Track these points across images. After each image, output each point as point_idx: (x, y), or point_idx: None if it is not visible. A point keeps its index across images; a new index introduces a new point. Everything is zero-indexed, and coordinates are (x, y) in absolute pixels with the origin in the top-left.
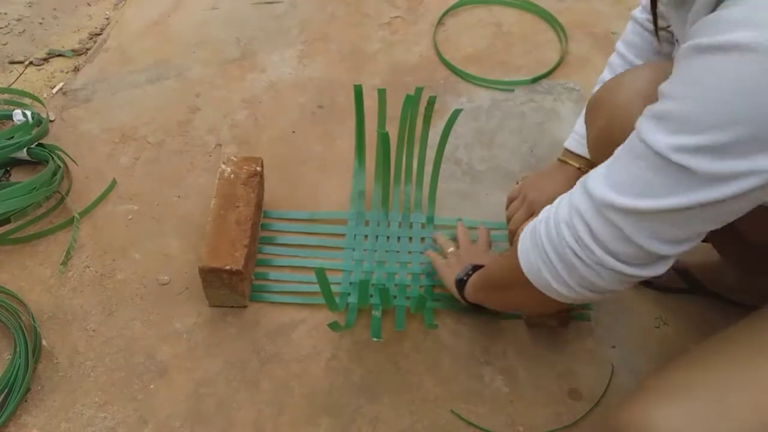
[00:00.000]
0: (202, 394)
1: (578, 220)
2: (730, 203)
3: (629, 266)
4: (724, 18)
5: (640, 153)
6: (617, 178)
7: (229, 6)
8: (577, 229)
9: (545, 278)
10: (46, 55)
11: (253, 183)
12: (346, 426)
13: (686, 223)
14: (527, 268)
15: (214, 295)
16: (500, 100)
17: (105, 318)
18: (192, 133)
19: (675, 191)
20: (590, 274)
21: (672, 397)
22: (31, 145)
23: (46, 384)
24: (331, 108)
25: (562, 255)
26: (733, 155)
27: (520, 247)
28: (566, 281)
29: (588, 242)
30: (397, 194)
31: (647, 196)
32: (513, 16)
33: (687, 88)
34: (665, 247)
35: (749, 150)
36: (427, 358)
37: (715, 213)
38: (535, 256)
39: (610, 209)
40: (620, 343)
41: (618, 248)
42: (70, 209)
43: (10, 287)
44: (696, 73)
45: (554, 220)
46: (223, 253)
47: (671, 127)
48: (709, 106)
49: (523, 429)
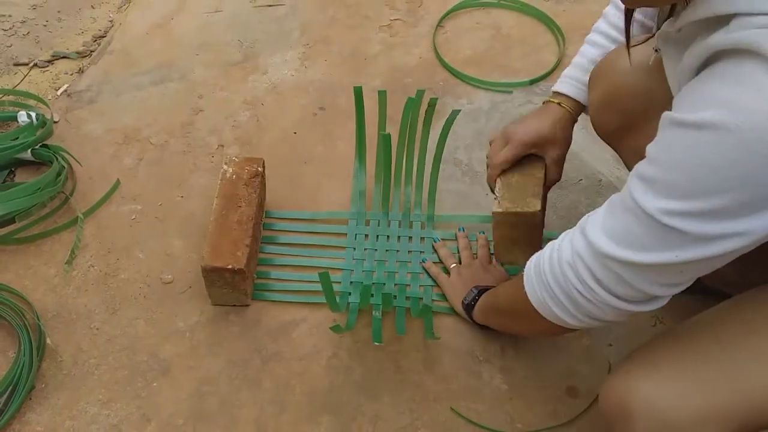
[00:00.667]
0: (204, 392)
1: (580, 263)
2: (720, 258)
3: (630, 304)
4: (699, 94)
5: (632, 209)
6: (613, 228)
7: (232, 9)
8: (580, 271)
9: (553, 311)
10: (51, 57)
11: (254, 183)
12: (347, 424)
13: (680, 273)
14: (535, 301)
15: (217, 293)
16: (499, 101)
17: (109, 317)
18: (194, 134)
19: (666, 248)
20: (595, 309)
21: (652, 370)
22: (35, 146)
23: (50, 382)
24: (332, 109)
25: (567, 291)
26: (721, 219)
27: (527, 282)
28: (573, 314)
29: (591, 284)
30: (397, 195)
31: (641, 250)
32: (511, 19)
33: (669, 158)
34: (663, 289)
35: (736, 214)
36: (426, 356)
37: (707, 264)
38: (541, 291)
39: (608, 259)
40: (617, 341)
41: (619, 290)
42: (74, 209)
43: (15, 286)
44: (676, 146)
45: (557, 260)
46: (225, 253)
47: (658, 191)
48: (691, 178)
49: (521, 426)
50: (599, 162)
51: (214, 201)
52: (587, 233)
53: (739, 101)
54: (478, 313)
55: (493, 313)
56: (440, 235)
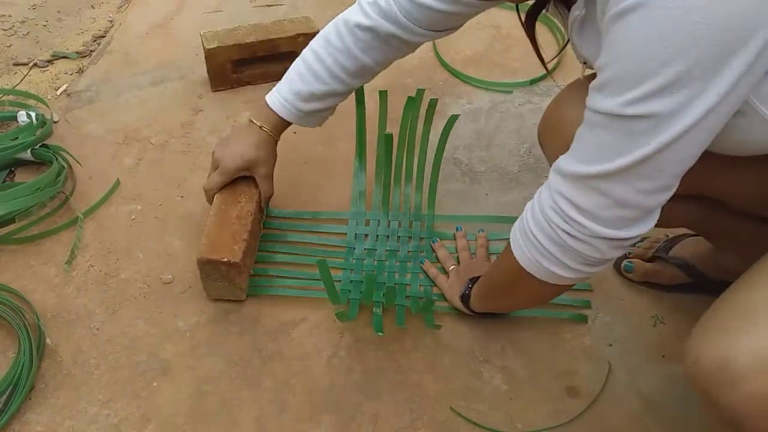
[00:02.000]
0: (204, 392)
1: (561, 199)
2: (692, 135)
3: (619, 230)
4: None
5: (596, 122)
6: (584, 154)
7: (232, 8)
8: (563, 208)
9: (544, 266)
10: (51, 57)
11: (255, 180)
12: (347, 423)
13: (661, 169)
14: (525, 262)
15: (213, 287)
16: (499, 101)
17: (109, 317)
18: (194, 134)
19: (640, 142)
20: (585, 248)
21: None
22: (35, 146)
23: (50, 382)
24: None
25: (555, 239)
26: (679, 88)
27: (513, 245)
28: (565, 263)
29: (576, 217)
30: (397, 194)
31: (616, 156)
32: (511, 19)
33: (614, 52)
34: (649, 198)
35: (691, 78)
36: (426, 356)
37: (684, 150)
38: (529, 248)
39: (587, 179)
40: (617, 341)
41: (605, 214)
42: (74, 209)
43: (15, 286)
44: (616, 38)
45: (540, 210)
46: (221, 246)
47: (615, 89)
48: (637, 62)
49: (521, 426)
50: None
51: (215, 196)
52: (561, 168)
53: None
54: (475, 300)
55: (489, 295)
56: (440, 236)
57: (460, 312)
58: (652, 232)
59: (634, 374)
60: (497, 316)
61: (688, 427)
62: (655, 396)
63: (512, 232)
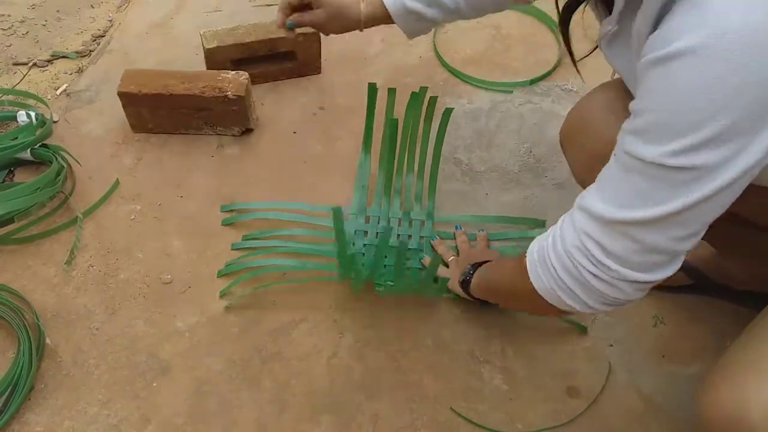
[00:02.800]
0: (204, 392)
1: (589, 241)
2: (735, 185)
3: (645, 273)
4: (665, 31)
5: (633, 167)
6: (617, 198)
7: (231, 8)
8: (590, 249)
9: (560, 298)
10: (50, 57)
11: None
12: (347, 423)
13: (698, 218)
14: (542, 290)
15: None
16: (499, 101)
17: (108, 317)
18: (194, 134)
19: (680, 192)
20: (610, 290)
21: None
22: (34, 146)
23: (49, 382)
24: (332, 109)
25: (578, 278)
26: (725, 141)
27: (531, 270)
28: (584, 300)
29: (604, 260)
30: (398, 186)
31: (655, 204)
32: (511, 19)
33: (655, 99)
34: (681, 244)
35: (737, 132)
36: (426, 356)
37: (722, 198)
38: (548, 279)
39: (620, 225)
40: (618, 341)
41: (634, 258)
42: (74, 209)
43: (14, 286)
44: (656, 85)
45: (563, 248)
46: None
47: (657, 137)
48: (680, 111)
49: (521, 426)
50: None
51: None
52: (589, 208)
53: (698, 24)
54: (476, 288)
55: (491, 292)
56: (440, 235)
57: (460, 309)
58: None
59: (634, 374)
60: (497, 314)
61: (688, 427)
62: (655, 396)
63: (529, 254)
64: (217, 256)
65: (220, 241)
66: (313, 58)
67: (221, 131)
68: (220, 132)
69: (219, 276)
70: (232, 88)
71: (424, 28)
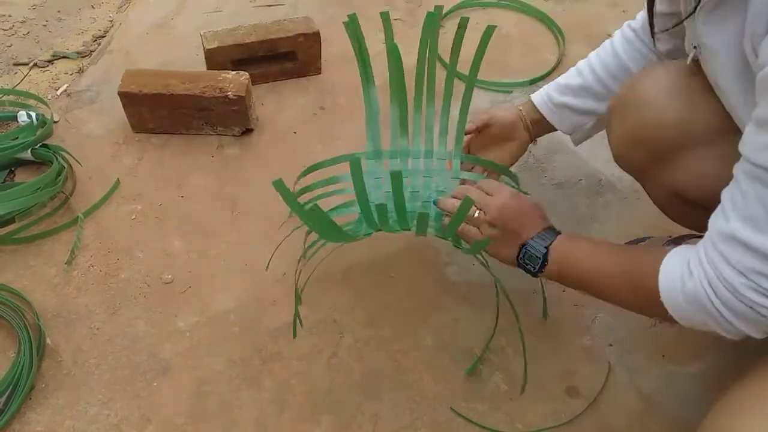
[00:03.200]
0: (204, 392)
1: (756, 276)
2: None
3: None
4: None
5: None
6: (763, 221)
7: (232, 8)
8: (760, 284)
9: (708, 326)
10: (51, 57)
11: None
12: (347, 423)
13: None
14: (683, 319)
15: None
16: (499, 101)
17: (109, 316)
18: (195, 134)
19: None
20: None
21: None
22: (35, 146)
23: (50, 382)
24: (332, 109)
25: (752, 317)
26: None
27: (670, 303)
28: (743, 331)
29: None
30: (417, 120)
31: None
32: (511, 19)
33: None
34: None
35: None
36: (426, 356)
37: None
38: (701, 316)
39: None
40: (617, 342)
41: None
42: (74, 209)
43: (15, 286)
44: None
45: (731, 291)
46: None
47: None
48: None
49: (521, 426)
50: (599, 162)
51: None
52: (744, 240)
53: None
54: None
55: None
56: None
57: (460, 308)
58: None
59: (634, 374)
60: (497, 314)
61: (688, 427)
62: (655, 396)
63: (661, 281)
64: (218, 256)
65: (220, 240)
66: (313, 59)
67: (222, 131)
68: (220, 132)
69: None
70: (232, 89)
71: (580, 122)
